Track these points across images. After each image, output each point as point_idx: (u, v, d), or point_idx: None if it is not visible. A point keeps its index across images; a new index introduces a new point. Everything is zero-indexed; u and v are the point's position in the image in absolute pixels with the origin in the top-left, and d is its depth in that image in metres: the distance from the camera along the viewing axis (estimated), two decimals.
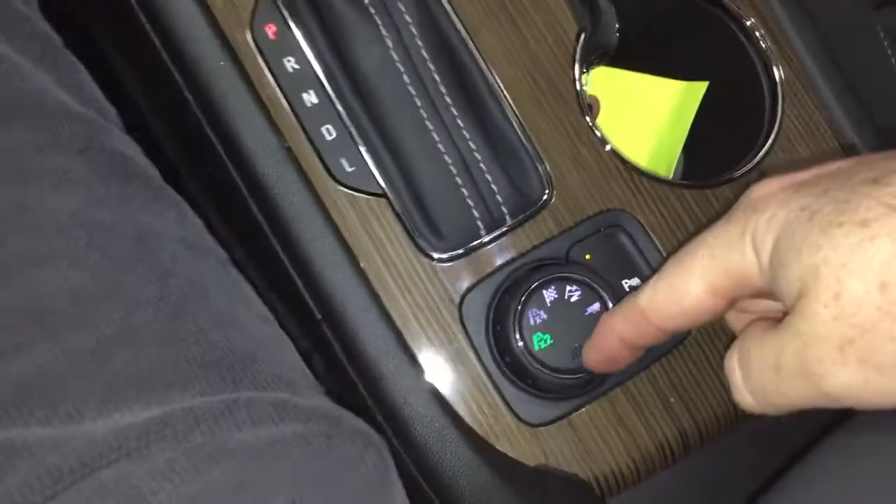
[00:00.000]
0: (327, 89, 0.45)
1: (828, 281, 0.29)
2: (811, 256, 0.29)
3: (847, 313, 0.28)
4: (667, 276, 0.35)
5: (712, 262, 0.33)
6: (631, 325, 0.37)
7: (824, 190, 0.31)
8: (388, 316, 0.44)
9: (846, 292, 0.28)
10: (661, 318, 0.36)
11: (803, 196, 0.31)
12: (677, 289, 0.34)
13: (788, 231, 0.31)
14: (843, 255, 0.29)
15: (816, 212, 0.30)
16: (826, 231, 0.29)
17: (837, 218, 0.29)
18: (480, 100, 0.46)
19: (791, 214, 0.31)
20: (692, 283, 0.34)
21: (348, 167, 0.45)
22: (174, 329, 0.36)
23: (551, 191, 0.46)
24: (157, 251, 0.38)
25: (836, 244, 0.29)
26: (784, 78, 0.49)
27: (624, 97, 0.54)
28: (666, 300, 0.35)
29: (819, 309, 0.29)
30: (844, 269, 0.28)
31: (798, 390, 0.30)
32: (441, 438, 0.43)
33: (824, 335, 0.29)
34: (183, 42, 0.46)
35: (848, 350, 0.29)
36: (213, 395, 0.34)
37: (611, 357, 0.40)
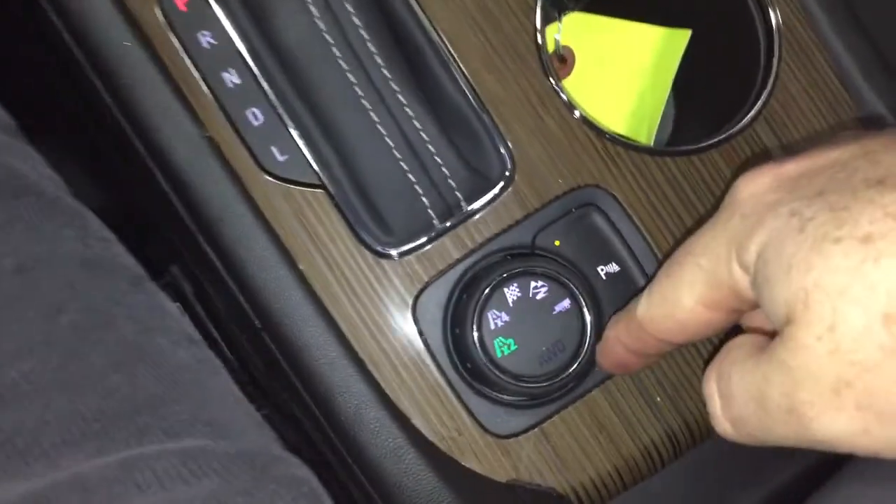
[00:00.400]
0: (251, 67, 0.40)
1: (821, 309, 0.24)
2: (802, 277, 0.25)
3: (844, 349, 0.24)
4: (659, 286, 0.32)
5: (700, 273, 0.30)
6: (632, 338, 0.35)
7: (818, 191, 0.26)
8: (333, 322, 0.40)
9: (843, 324, 0.24)
10: (660, 331, 0.33)
11: (794, 198, 0.27)
12: (670, 301, 0.31)
13: (776, 242, 0.26)
14: (840, 279, 0.24)
15: (808, 220, 0.25)
16: (820, 247, 0.25)
17: (834, 231, 0.24)
18: (424, 68, 0.40)
19: (779, 221, 0.26)
20: (683, 296, 0.31)
21: (279, 156, 0.40)
22: (63, 377, 0.31)
23: (512, 169, 0.40)
24: (46, 282, 0.33)
25: (833, 265, 0.24)
26: (781, 21, 0.42)
27: (601, 48, 0.47)
28: (661, 314, 0.32)
29: (810, 341, 0.24)
30: (842, 296, 0.24)
31: (785, 430, 0.26)
32: (398, 457, 0.39)
33: (816, 373, 0.25)
34: (83, 21, 0.40)
35: (845, 393, 0.24)
36: (110, 453, 0.30)
37: (620, 363, 0.37)
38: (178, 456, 0.31)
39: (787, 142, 0.42)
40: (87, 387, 0.31)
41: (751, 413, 0.27)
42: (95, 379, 0.32)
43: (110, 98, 0.41)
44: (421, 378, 0.40)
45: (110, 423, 0.31)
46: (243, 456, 0.32)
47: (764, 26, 0.42)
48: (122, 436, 0.31)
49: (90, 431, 0.30)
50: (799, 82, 0.42)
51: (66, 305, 0.33)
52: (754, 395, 0.27)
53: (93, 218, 0.38)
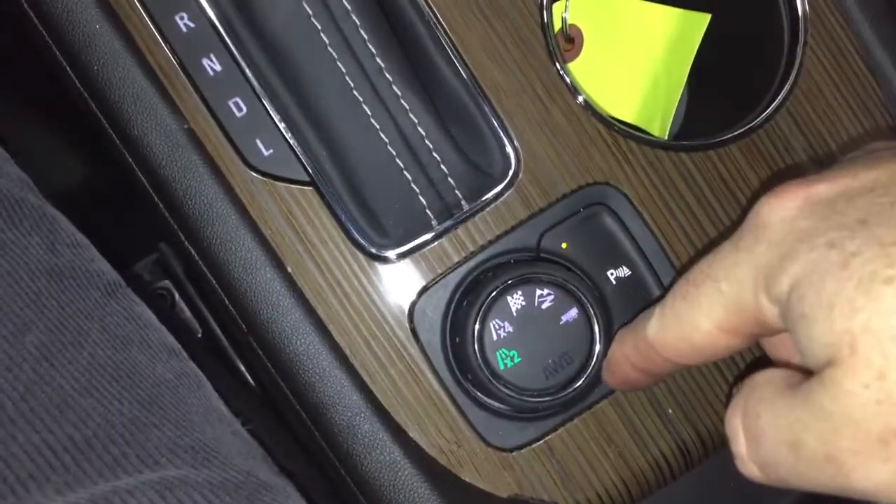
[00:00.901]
0: (233, 53, 0.37)
1: (870, 355, 0.22)
2: (847, 319, 0.23)
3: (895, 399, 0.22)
4: (673, 307, 0.30)
5: (720, 297, 0.28)
6: (640, 356, 0.33)
7: (861, 220, 0.24)
8: (325, 329, 0.37)
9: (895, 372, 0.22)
10: (673, 353, 0.31)
11: (832, 226, 0.24)
12: (686, 323, 0.30)
13: (814, 277, 0.24)
14: (893, 322, 0.22)
15: (853, 255, 0.23)
16: (869, 287, 0.23)
17: (886, 270, 0.23)
18: (420, 55, 0.37)
19: (815, 254, 0.24)
20: (700, 319, 0.29)
21: (265, 150, 0.37)
22: (30, 405, 0.28)
23: (516, 165, 0.37)
24: (10, 299, 0.30)
25: (884, 307, 0.22)
26: (808, 5, 0.39)
27: (611, 29, 0.44)
28: (675, 336, 0.30)
29: (856, 388, 0.23)
30: (895, 342, 0.22)
31: (821, 477, 0.25)
32: (394, 471, 0.37)
33: (861, 421, 0.23)
34: (51, 2, 0.37)
35: (893, 445, 0.22)
36: (81, 488, 0.27)
37: (628, 382, 0.35)
38: (156, 488, 0.28)
39: (812, 138, 0.39)
40: (55, 415, 0.29)
41: (783, 458, 0.25)
42: (65, 406, 0.29)
43: (81, 86, 0.38)
44: (418, 388, 0.37)
45: (82, 454, 0.28)
46: (227, 485, 0.30)
47: (789, 11, 0.39)
48: (96, 467, 0.28)
49: (59, 464, 0.28)
50: (825, 71, 0.39)
51: (33, 324, 0.30)
52: (787, 440, 0.25)
53: (62, 221, 0.35)
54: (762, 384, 0.27)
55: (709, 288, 0.28)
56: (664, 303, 0.31)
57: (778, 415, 0.26)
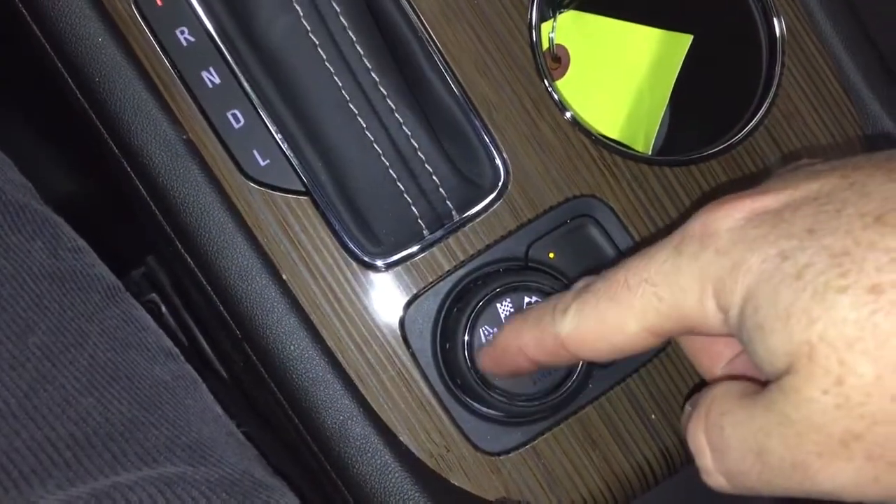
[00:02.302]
0: (231, 66, 0.38)
1: (828, 362, 0.23)
2: (804, 330, 0.23)
3: (854, 402, 0.23)
4: (595, 308, 0.29)
5: (656, 303, 0.28)
6: (541, 348, 0.32)
7: (809, 230, 0.24)
8: (318, 335, 0.38)
9: (853, 377, 0.23)
10: (583, 350, 0.30)
11: (780, 235, 0.25)
12: (609, 324, 0.29)
13: (768, 288, 0.25)
14: (849, 332, 0.23)
15: (806, 267, 0.24)
16: (823, 297, 0.23)
17: (837, 280, 0.23)
18: (414, 70, 0.38)
19: (768, 264, 0.25)
20: (628, 321, 0.28)
21: (262, 160, 0.38)
22: (33, 403, 0.29)
23: (506, 177, 0.39)
24: (13, 300, 0.31)
25: (839, 317, 0.23)
26: (785, 28, 0.41)
27: (597, 48, 0.46)
28: (594, 336, 0.30)
29: (816, 395, 0.23)
30: (851, 349, 0.23)
31: (788, 482, 0.25)
32: (384, 474, 0.38)
33: (822, 426, 0.24)
34: (50, 12, 0.38)
35: (854, 445, 0.23)
36: (83, 483, 0.28)
37: (511, 370, 0.35)
38: (155, 484, 0.29)
39: (789, 152, 0.41)
40: (57, 413, 0.29)
41: (749, 466, 0.26)
42: (67, 404, 0.30)
43: (82, 96, 0.39)
44: (409, 393, 0.38)
45: (82, 451, 0.29)
46: (224, 483, 0.31)
47: (767, 33, 0.41)
48: (96, 464, 0.29)
49: (61, 460, 0.29)
50: (802, 91, 0.41)
51: (36, 325, 0.31)
52: (752, 449, 0.26)
53: (64, 226, 0.36)
54: (720, 397, 0.28)
55: (645, 292, 0.28)
56: (583, 301, 0.30)
57: (741, 425, 0.26)
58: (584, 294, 0.30)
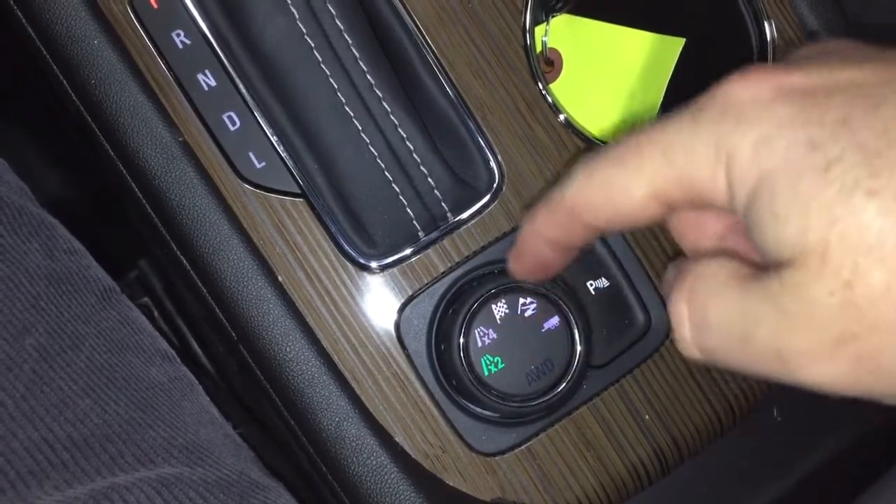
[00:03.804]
0: (227, 68, 0.38)
1: (840, 265, 0.22)
2: (823, 228, 0.22)
3: (858, 307, 0.22)
4: (604, 168, 0.28)
5: (666, 167, 0.26)
6: (556, 224, 0.30)
7: (842, 120, 0.23)
8: (314, 337, 0.38)
9: (863, 283, 0.22)
10: (592, 217, 0.29)
11: (811, 121, 0.23)
12: (616, 187, 0.28)
13: (789, 176, 0.23)
14: (870, 237, 0.22)
15: (835, 161, 0.23)
16: (850, 198, 0.22)
17: (868, 181, 0.22)
18: (409, 73, 0.38)
19: (794, 151, 0.23)
20: (635, 184, 0.27)
21: (257, 163, 0.38)
22: (31, 404, 0.29)
23: (500, 179, 0.39)
24: (10, 302, 0.31)
25: (863, 221, 0.22)
26: (776, 33, 0.41)
27: (589, 52, 0.46)
28: (600, 197, 0.28)
29: (821, 294, 0.23)
30: (868, 256, 0.22)
31: (766, 368, 0.25)
32: (380, 475, 0.38)
33: (820, 325, 0.23)
34: (46, 14, 0.38)
35: (848, 345, 0.23)
36: (79, 485, 0.28)
37: (539, 264, 0.33)
38: (153, 485, 0.29)
39: None
40: (55, 414, 0.29)
41: (729, 347, 0.25)
42: (64, 406, 0.30)
43: (78, 99, 0.39)
44: (404, 394, 0.38)
45: (80, 452, 0.29)
46: (221, 484, 0.31)
47: (758, 37, 0.41)
48: (93, 465, 0.29)
49: (59, 461, 0.29)
50: None
51: (32, 327, 0.31)
52: (738, 333, 0.25)
53: (60, 228, 0.36)
54: (709, 276, 0.27)
55: (656, 156, 0.26)
56: (591, 164, 0.28)
57: (729, 309, 0.25)
58: (593, 157, 0.28)
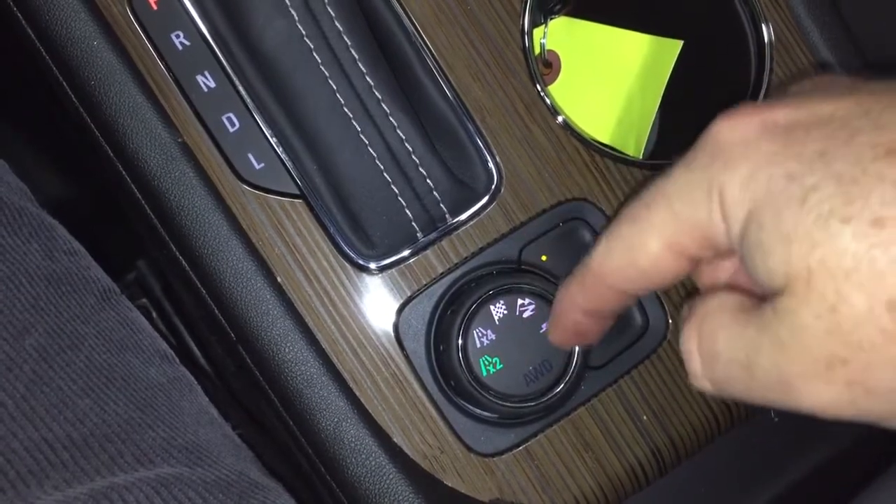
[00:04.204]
0: (226, 70, 0.38)
1: (824, 290, 0.24)
2: (804, 255, 0.24)
3: (843, 330, 0.23)
4: (620, 233, 0.30)
5: (672, 218, 0.28)
6: (588, 293, 0.32)
7: (820, 152, 0.24)
8: (313, 337, 0.38)
9: (846, 307, 0.23)
10: (619, 280, 0.31)
11: (790, 156, 0.25)
12: (633, 247, 0.29)
13: (772, 208, 0.25)
14: (847, 263, 0.23)
15: (811, 190, 0.24)
16: (826, 224, 0.23)
17: (842, 208, 0.23)
18: (408, 75, 0.39)
19: (775, 184, 0.25)
20: (650, 240, 0.29)
21: (256, 164, 0.38)
22: (28, 405, 0.29)
23: (499, 181, 0.39)
24: (10, 302, 0.31)
25: (840, 247, 0.23)
26: (774, 35, 0.41)
27: (587, 54, 0.46)
28: (622, 261, 0.30)
29: (808, 319, 0.24)
30: (848, 280, 0.23)
31: (770, 396, 0.26)
32: (378, 476, 0.38)
33: (811, 348, 0.24)
34: (45, 15, 0.38)
35: (838, 370, 0.24)
36: (78, 484, 0.28)
37: (577, 332, 0.35)
38: (152, 485, 0.29)
39: None
40: (54, 414, 0.30)
41: (736, 377, 0.27)
42: (64, 406, 0.30)
43: (77, 100, 0.39)
44: (403, 395, 0.38)
45: (79, 452, 0.29)
46: (220, 484, 0.31)
47: (756, 40, 0.41)
48: (93, 465, 0.29)
49: (58, 461, 0.29)
50: None
51: (32, 327, 0.31)
52: (742, 362, 0.26)
53: (59, 229, 0.36)
54: (716, 309, 0.28)
55: (661, 207, 0.28)
56: (609, 231, 0.30)
57: (733, 339, 0.27)
58: (612, 224, 0.30)
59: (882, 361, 0.23)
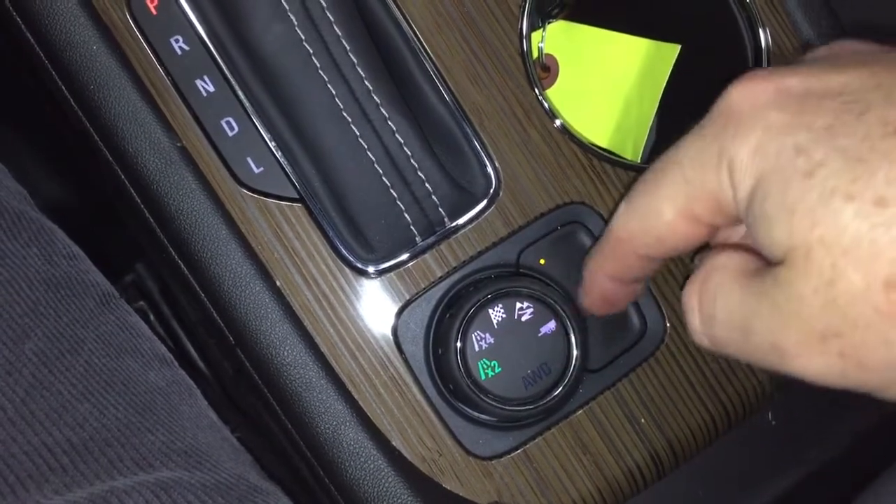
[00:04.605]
0: (226, 74, 0.38)
1: (822, 264, 0.24)
2: (805, 230, 0.24)
3: (839, 304, 0.24)
4: (637, 200, 0.31)
5: (684, 185, 0.29)
6: (611, 259, 0.33)
7: (828, 126, 0.25)
8: (312, 341, 0.38)
9: (843, 283, 0.24)
10: (638, 246, 0.31)
11: (800, 127, 0.25)
12: (649, 214, 0.30)
13: (779, 179, 0.25)
14: (847, 240, 0.23)
15: (818, 165, 0.24)
16: (829, 202, 0.24)
17: (847, 186, 0.24)
18: (406, 79, 0.39)
19: (783, 155, 0.25)
20: (664, 207, 0.29)
21: (256, 168, 0.38)
22: (27, 409, 0.29)
23: (497, 185, 0.39)
24: (10, 307, 0.31)
25: (841, 225, 0.24)
26: (771, 40, 0.42)
27: (585, 58, 0.46)
28: (639, 225, 0.31)
29: (806, 291, 0.25)
30: (846, 257, 0.24)
31: (764, 360, 0.27)
32: (377, 479, 0.38)
33: (807, 319, 0.25)
34: (44, 21, 0.38)
35: (831, 342, 0.25)
36: (78, 488, 0.28)
37: (605, 298, 0.36)
38: (151, 489, 0.29)
39: None
40: (54, 418, 0.30)
41: (733, 339, 0.27)
42: (63, 410, 0.30)
43: (76, 104, 0.39)
44: (401, 398, 0.38)
45: (79, 456, 0.29)
46: (219, 487, 0.31)
47: (753, 44, 0.42)
48: (93, 469, 0.29)
49: (58, 465, 0.29)
50: None
51: (32, 331, 0.31)
52: (739, 325, 0.27)
53: (58, 233, 0.36)
54: (720, 268, 0.29)
55: (673, 173, 0.29)
56: (628, 196, 0.31)
57: (732, 301, 0.27)
58: (630, 191, 0.31)
59: (875, 338, 0.24)
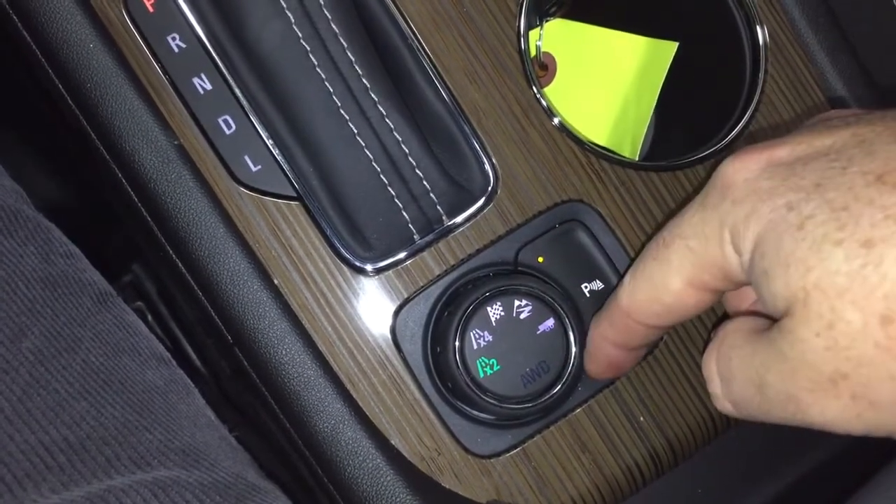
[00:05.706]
0: (223, 72, 0.38)
1: (820, 308, 0.25)
2: (801, 277, 0.25)
3: (841, 346, 0.25)
4: (644, 272, 0.32)
5: (689, 255, 0.30)
6: (618, 329, 0.34)
7: (815, 183, 0.26)
8: (310, 340, 0.38)
9: (842, 323, 0.25)
10: (646, 316, 0.33)
11: (789, 188, 0.27)
12: (657, 285, 0.31)
13: (773, 236, 0.27)
14: (840, 282, 0.25)
15: (808, 218, 0.26)
16: (820, 248, 0.25)
17: (835, 232, 0.25)
18: (404, 77, 0.39)
19: (776, 214, 0.27)
20: (671, 278, 0.31)
21: (253, 166, 0.38)
22: (24, 408, 0.29)
23: (495, 183, 0.39)
24: (7, 305, 0.31)
25: (833, 268, 0.25)
26: (768, 36, 0.42)
27: (583, 56, 0.46)
28: (647, 298, 0.32)
29: (809, 336, 0.26)
30: (841, 298, 0.25)
31: (783, 413, 0.28)
32: (375, 478, 0.38)
33: (814, 365, 0.26)
34: (41, 18, 0.38)
35: (841, 384, 0.25)
36: (75, 487, 0.28)
37: (610, 364, 0.37)
38: (149, 488, 0.29)
39: None
40: (51, 417, 0.29)
41: (751, 396, 0.28)
42: (60, 409, 0.30)
43: (73, 102, 0.39)
44: (400, 397, 0.38)
45: (76, 455, 0.29)
46: (217, 486, 0.31)
47: (750, 41, 0.41)
48: (90, 468, 0.29)
49: (55, 464, 0.29)
50: (785, 99, 0.42)
51: (29, 330, 0.31)
52: (754, 381, 0.28)
53: (56, 232, 0.36)
54: (732, 332, 0.30)
55: (679, 246, 0.30)
56: (634, 268, 0.32)
57: (745, 359, 0.28)
58: (636, 262, 0.32)
59: (880, 374, 0.25)
